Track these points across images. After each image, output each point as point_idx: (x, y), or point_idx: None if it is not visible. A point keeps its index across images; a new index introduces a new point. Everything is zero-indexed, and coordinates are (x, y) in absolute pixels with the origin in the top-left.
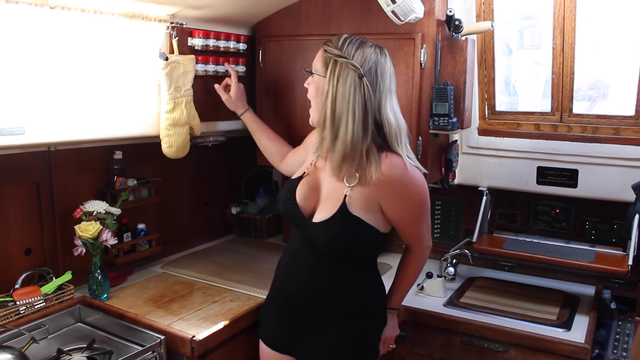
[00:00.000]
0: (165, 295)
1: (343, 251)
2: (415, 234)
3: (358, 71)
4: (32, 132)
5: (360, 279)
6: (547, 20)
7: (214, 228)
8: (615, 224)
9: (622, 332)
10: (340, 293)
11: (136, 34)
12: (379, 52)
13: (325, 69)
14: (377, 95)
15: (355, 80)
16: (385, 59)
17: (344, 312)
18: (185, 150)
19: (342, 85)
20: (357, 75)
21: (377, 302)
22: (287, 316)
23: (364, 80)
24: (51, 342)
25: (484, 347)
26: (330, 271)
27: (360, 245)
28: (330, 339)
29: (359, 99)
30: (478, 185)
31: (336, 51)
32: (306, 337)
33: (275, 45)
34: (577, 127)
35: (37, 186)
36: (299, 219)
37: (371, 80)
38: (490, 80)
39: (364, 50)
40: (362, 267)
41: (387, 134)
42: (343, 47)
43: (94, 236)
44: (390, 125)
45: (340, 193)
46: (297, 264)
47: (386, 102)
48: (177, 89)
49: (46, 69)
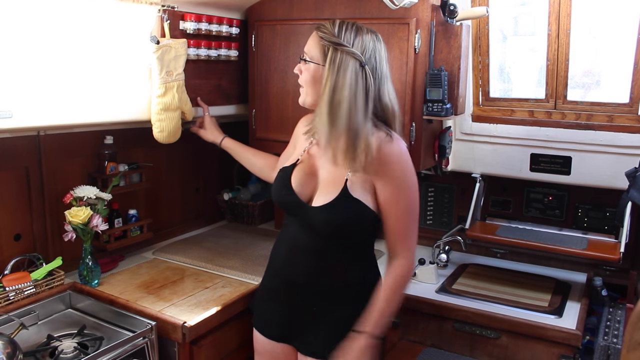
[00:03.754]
0: (156, 281)
1: (345, 234)
2: (402, 231)
3: (360, 59)
4: (20, 116)
5: (360, 266)
6: (542, 7)
7: (206, 214)
8: (608, 211)
9: (613, 318)
10: (341, 278)
11: (127, 17)
12: (375, 39)
13: (323, 57)
14: (376, 82)
15: (356, 68)
16: (381, 45)
17: (342, 297)
18: (177, 135)
19: (343, 74)
20: (359, 63)
21: (374, 289)
22: (284, 304)
23: (365, 68)
24: (41, 328)
25: (476, 333)
26: (332, 255)
27: (361, 227)
28: (327, 325)
29: (361, 87)
30: (471, 172)
31: (334, 38)
32: (303, 324)
33: (267, 30)
34: (571, 114)
35: (27, 171)
36: (298, 205)
37: (372, 68)
38: (485, 67)
39: (362, 37)
40: (362, 253)
41: (385, 118)
42: (340, 34)
43: (84, 222)
44: (388, 110)
45: (340, 177)
46: (298, 250)
47: (384, 88)
48: (169, 73)
49: (35, 52)
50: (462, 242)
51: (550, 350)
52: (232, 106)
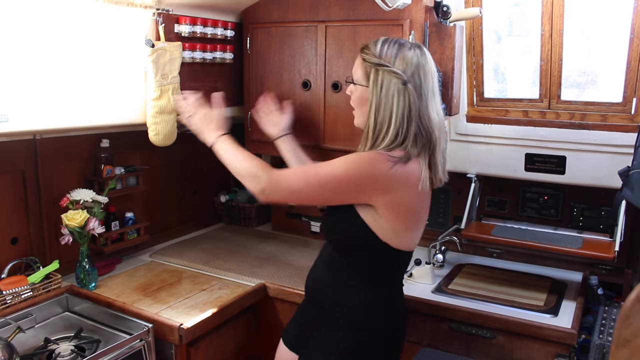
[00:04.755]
0: (153, 284)
1: (342, 244)
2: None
3: (401, 78)
4: (16, 120)
5: (361, 287)
6: (536, 7)
7: (203, 216)
8: (603, 210)
9: (608, 317)
10: (344, 292)
11: (122, 21)
12: (419, 54)
13: (367, 79)
14: (422, 99)
15: (398, 87)
16: (426, 59)
17: (343, 315)
18: (173, 138)
19: (385, 94)
20: (401, 82)
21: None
22: (300, 311)
23: (408, 86)
24: (38, 331)
25: (472, 333)
26: (340, 266)
27: (355, 240)
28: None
29: (402, 106)
30: (466, 172)
31: (375, 59)
32: (308, 336)
33: (263, 32)
34: (565, 113)
35: (23, 175)
36: (322, 211)
37: (415, 85)
38: (479, 67)
39: (404, 54)
40: (367, 275)
41: (430, 137)
42: (382, 54)
43: (80, 225)
44: (431, 128)
45: None
46: (319, 258)
47: (432, 104)
48: (164, 76)
49: (31, 56)
50: (458, 242)
51: (546, 349)
52: (228, 108)
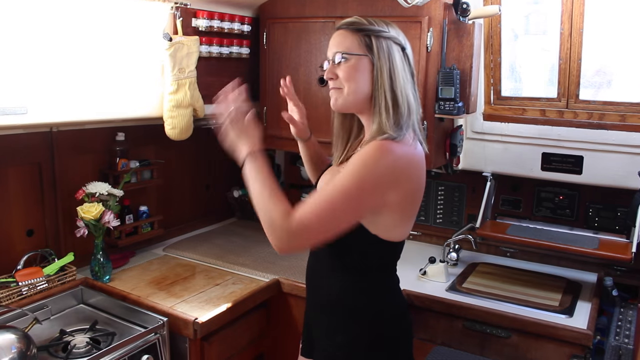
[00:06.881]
0: (167, 278)
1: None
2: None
3: (400, 44)
4: (35, 112)
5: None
6: (555, 5)
7: (216, 211)
8: (619, 211)
9: (624, 319)
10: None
11: (140, 14)
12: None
13: (366, 48)
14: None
15: (400, 54)
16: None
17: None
18: (189, 132)
19: (392, 61)
20: (400, 48)
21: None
22: (305, 313)
23: (406, 52)
24: (54, 323)
25: (486, 332)
26: (332, 262)
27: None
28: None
29: (408, 72)
30: (482, 171)
31: (375, 27)
32: (311, 339)
33: (279, 27)
34: (583, 113)
35: (40, 167)
36: None
37: (408, 52)
38: (497, 65)
39: (389, 26)
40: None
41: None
42: (373, 24)
43: (96, 218)
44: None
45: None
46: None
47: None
48: (181, 70)
49: (50, 49)
50: (473, 241)
51: (561, 349)
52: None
